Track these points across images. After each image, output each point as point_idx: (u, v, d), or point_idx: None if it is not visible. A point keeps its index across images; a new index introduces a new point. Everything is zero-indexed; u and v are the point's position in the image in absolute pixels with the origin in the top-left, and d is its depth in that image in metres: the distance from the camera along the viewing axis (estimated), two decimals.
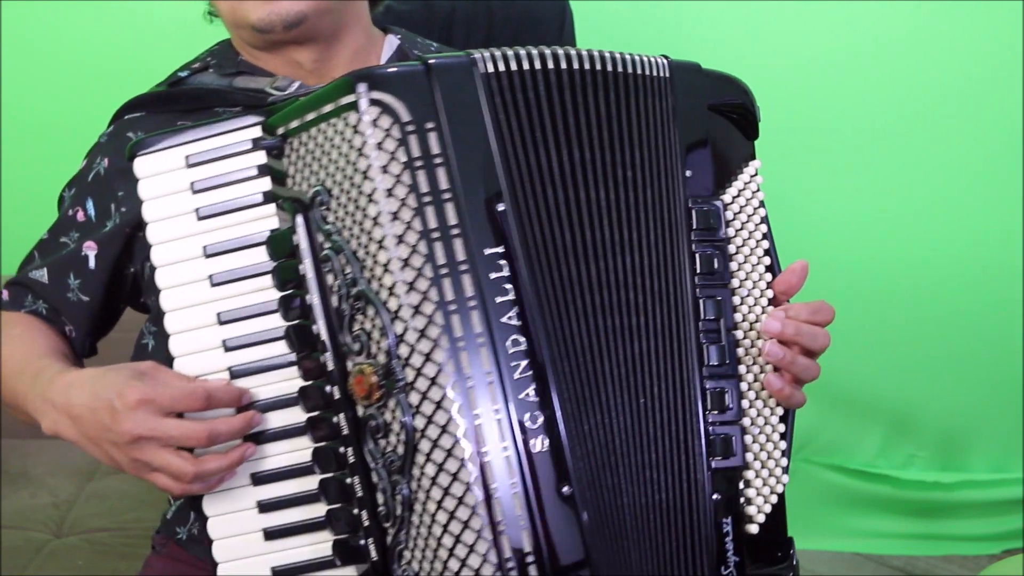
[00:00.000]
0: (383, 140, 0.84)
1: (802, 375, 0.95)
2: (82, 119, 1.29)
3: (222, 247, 0.93)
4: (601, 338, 0.89)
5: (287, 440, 0.92)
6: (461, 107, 0.86)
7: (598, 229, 0.90)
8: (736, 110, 1.00)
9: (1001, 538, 2.22)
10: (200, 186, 0.94)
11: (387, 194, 0.84)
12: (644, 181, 0.93)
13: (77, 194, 1.16)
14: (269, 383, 0.93)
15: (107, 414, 0.87)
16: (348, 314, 0.87)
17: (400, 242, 0.83)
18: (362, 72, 0.86)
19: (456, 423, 0.83)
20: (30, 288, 1.14)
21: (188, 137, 0.95)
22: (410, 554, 0.87)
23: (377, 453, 0.87)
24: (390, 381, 0.84)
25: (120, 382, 0.89)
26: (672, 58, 0.98)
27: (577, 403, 0.87)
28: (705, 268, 0.95)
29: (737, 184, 0.98)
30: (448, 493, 0.83)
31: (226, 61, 1.19)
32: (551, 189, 0.89)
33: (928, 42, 2.01)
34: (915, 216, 2.08)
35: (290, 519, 0.93)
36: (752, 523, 0.95)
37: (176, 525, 1.16)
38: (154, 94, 1.17)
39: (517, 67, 0.89)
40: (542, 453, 0.84)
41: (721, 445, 0.93)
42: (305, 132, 0.89)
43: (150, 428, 0.87)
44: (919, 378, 2.16)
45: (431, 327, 0.83)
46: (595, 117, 0.91)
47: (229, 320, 0.93)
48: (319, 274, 0.89)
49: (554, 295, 0.88)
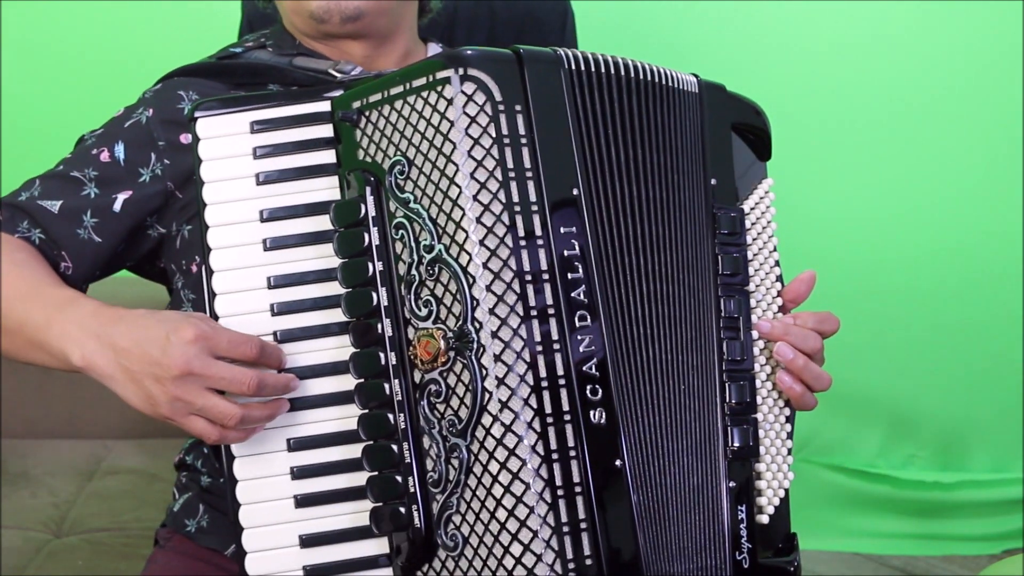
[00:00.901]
0: (476, 114, 0.88)
1: (813, 383, 1.01)
2: (82, 119, 1.28)
3: (279, 213, 0.95)
4: (652, 325, 0.94)
5: (325, 408, 0.94)
6: (547, 96, 0.91)
7: (651, 224, 0.96)
8: (754, 131, 1.07)
9: (1001, 538, 2.23)
10: (262, 152, 0.96)
11: (477, 164, 0.87)
12: (682, 184, 0.99)
13: (105, 135, 1.13)
14: (313, 350, 0.95)
15: (157, 347, 0.87)
16: (418, 280, 0.90)
17: (486, 210, 0.87)
18: (457, 52, 0.90)
19: (525, 387, 0.86)
20: (30, 214, 1.09)
21: (255, 104, 0.97)
22: (460, 518, 0.88)
23: (435, 418, 0.89)
24: (462, 343, 0.87)
25: (176, 318, 0.89)
26: (701, 77, 1.04)
27: (629, 384, 0.91)
28: (729, 269, 1.00)
29: (754, 197, 1.05)
30: (513, 453, 0.86)
31: (284, 42, 1.21)
32: (617, 182, 0.94)
33: (928, 43, 2.02)
34: (915, 216, 2.09)
35: (322, 487, 0.94)
36: (763, 513, 1.00)
37: (185, 518, 1.16)
38: (207, 64, 1.18)
39: (595, 69, 0.94)
40: (600, 425, 0.88)
41: (739, 435, 0.98)
42: (388, 105, 0.92)
43: (202, 365, 0.87)
44: (919, 378, 2.17)
45: (509, 293, 0.87)
46: (649, 122, 0.97)
47: (279, 285, 0.95)
48: (386, 241, 0.92)
49: (615, 280, 0.92)
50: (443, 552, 0.90)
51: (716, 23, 2.01)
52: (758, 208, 1.04)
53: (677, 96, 1.00)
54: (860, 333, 2.07)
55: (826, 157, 2.06)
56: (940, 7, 1.99)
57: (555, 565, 0.85)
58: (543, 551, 0.85)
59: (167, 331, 0.87)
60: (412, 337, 0.90)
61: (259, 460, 0.94)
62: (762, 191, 1.05)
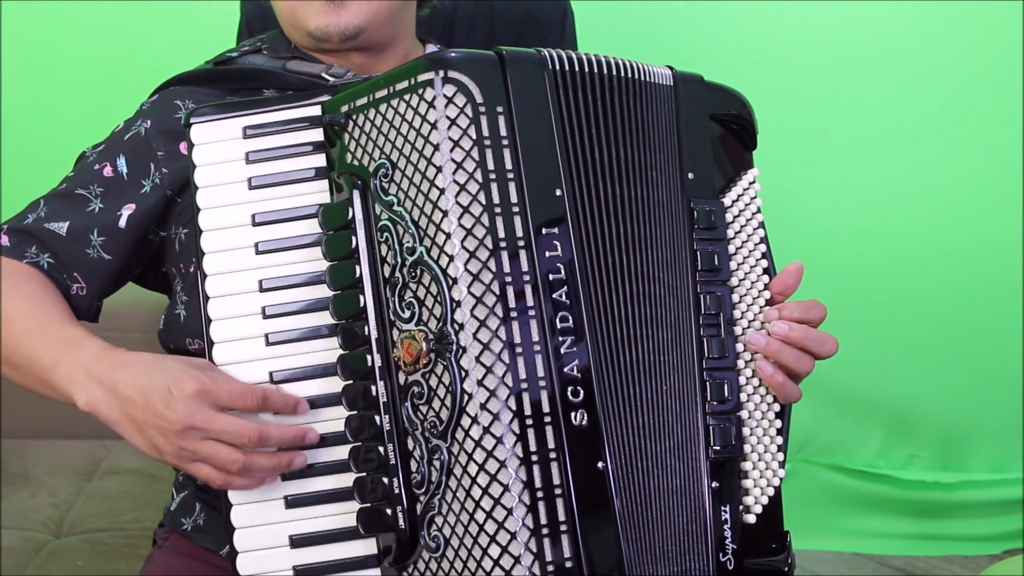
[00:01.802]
0: (457, 116, 0.87)
1: (794, 365, 0.98)
2: (82, 119, 1.28)
3: (271, 217, 0.96)
4: (633, 326, 0.94)
5: (315, 410, 0.94)
6: (529, 97, 0.91)
7: (633, 223, 0.95)
8: (735, 120, 1.05)
9: (1001, 538, 2.22)
10: (255, 157, 0.97)
11: (456, 166, 0.87)
12: (660, 180, 0.98)
13: (107, 151, 1.14)
14: (304, 352, 0.95)
15: (161, 400, 0.88)
16: (402, 282, 0.90)
17: (465, 212, 0.87)
18: (439, 54, 0.90)
19: (504, 389, 0.86)
20: (38, 238, 1.09)
21: (248, 109, 0.98)
22: (442, 519, 0.88)
23: (417, 420, 0.89)
24: (442, 345, 0.87)
25: (179, 369, 0.90)
26: (676, 69, 1.03)
27: (612, 386, 0.91)
28: (706, 265, 0.99)
29: (736, 190, 1.03)
30: (491, 455, 0.85)
31: (280, 47, 1.21)
32: (600, 182, 0.93)
33: (928, 44, 2.01)
34: (915, 217, 2.07)
35: (312, 488, 0.94)
36: (750, 513, 0.99)
37: (181, 516, 1.17)
38: (202, 71, 1.19)
39: (579, 68, 0.94)
40: (582, 427, 0.88)
41: (720, 434, 0.97)
42: (373, 108, 0.92)
43: (204, 419, 0.87)
44: (919, 378, 2.15)
45: (488, 295, 0.86)
46: (629, 120, 0.97)
47: (271, 288, 0.95)
48: (372, 244, 0.92)
49: (597, 280, 0.92)
50: (426, 553, 0.90)
51: (716, 22, 2.00)
52: (741, 200, 1.02)
53: (651, 90, 0.99)
54: (861, 334, 2.06)
55: (826, 158, 2.06)
56: (940, 8, 1.99)
57: (533, 567, 0.85)
58: (521, 553, 0.85)
59: (169, 383, 0.88)
60: (396, 339, 0.90)
61: None
62: (746, 182, 1.03)
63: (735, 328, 0.99)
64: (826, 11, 2.00)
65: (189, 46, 1.35)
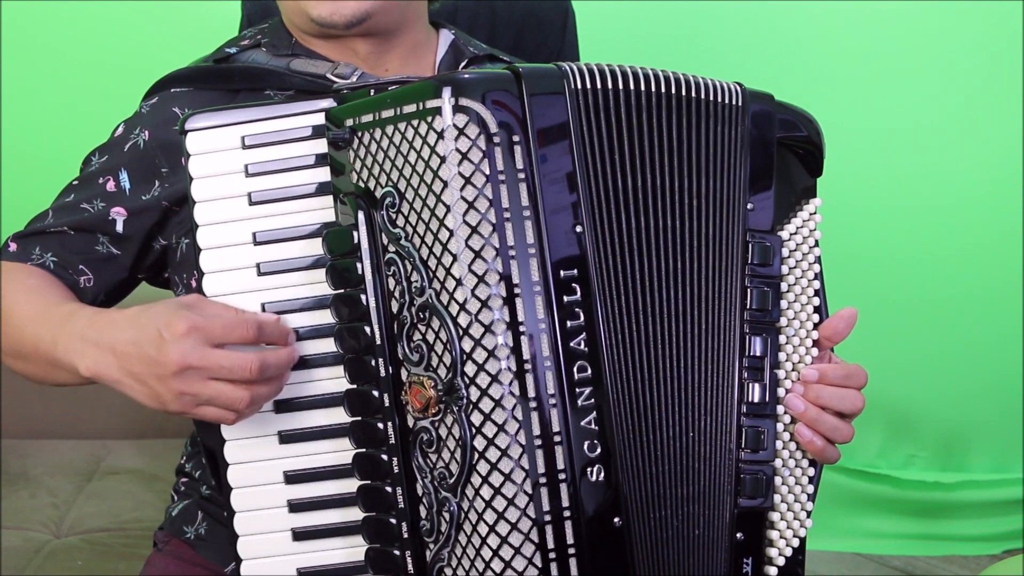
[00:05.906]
0: (468, 150, 0.79)
1: (830, 435, 0.92)
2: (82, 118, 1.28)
3: (273, 235, 0.89)
4: (658, 369, 0.86)
5: (324, 440, 0.89)
6: (548, 122, 0.82)
7: (663, 259, 0.87)
8: (804, 145, 0.96)
9: (1001, 538, 2.21)
10: (254, 170, 0.90)
11: (468, 206, 0.79)
12: (707, 211, 0.90)
13: (109, 163, 1.09)
14: (309, 380, 0.89)
15: (153, 346, 0.82)
16: (410, 322, 0.82)
17: (477, 257, 0.79)
18: (450, 76, 0.81)
19: (517, 447, 0.79)
20: (43, 240, 1.07)
21: (246, 116, 0.90)
22: (451, 571, 0.83)
23: (427, 467, 0.83)
24: (452, 397, 0.80)
25: (167, 313, 0.84)
26: (746, 86, 0.94)
27: (631, 436, 0.84)
28: (757, 305, 0.91)
29: (796, 221, 0.95)
30: (503, 517, 0.80)
31: (280, 41, 1.14)
32: (624, 214, 0.86)
33: (930, 45, 2.00)
34: (914, 218, 2.05)
35: (321, 521, 0.89)
36: (772, 565, 0.92)
37: (183, 524, 1.13)
38: (202, 68, 1.12)
39: (602, 85, 0.86)
40: (598, 483, 0.82)
41: (751, 485, 0.90)
42: (379, 128, 0.84)
43: (200, 357, 0.82)
44: (919, 378, 2.14)
45: (500, 348, 0.79)
46: (668, 142, 0.88)
47: (275, 312, 0.89)
48: (379, 276, 0.85)
49: (618, 323, 0.84)
50: None
51: (717, 24, 1.99)
52: (800, 233, 0.93)
53: (706, 109, 0.90)
54: (860, 334, 2.05)
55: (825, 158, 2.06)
56: (940, 7, 1.99)
57: None
58: None
59: (159, 327, 0.82)
60: (405, 380, 0.84)
61: (257, 491, 0.91)
62: (807, 213, 0.94)
63: (779, 372, 0.91)
64: (826, 11, 1.98)
65: (189, 45, 1.34)
